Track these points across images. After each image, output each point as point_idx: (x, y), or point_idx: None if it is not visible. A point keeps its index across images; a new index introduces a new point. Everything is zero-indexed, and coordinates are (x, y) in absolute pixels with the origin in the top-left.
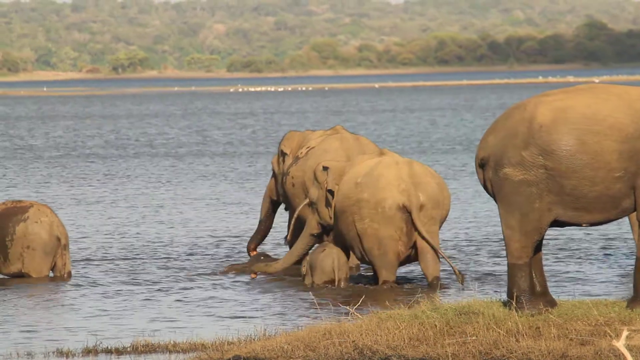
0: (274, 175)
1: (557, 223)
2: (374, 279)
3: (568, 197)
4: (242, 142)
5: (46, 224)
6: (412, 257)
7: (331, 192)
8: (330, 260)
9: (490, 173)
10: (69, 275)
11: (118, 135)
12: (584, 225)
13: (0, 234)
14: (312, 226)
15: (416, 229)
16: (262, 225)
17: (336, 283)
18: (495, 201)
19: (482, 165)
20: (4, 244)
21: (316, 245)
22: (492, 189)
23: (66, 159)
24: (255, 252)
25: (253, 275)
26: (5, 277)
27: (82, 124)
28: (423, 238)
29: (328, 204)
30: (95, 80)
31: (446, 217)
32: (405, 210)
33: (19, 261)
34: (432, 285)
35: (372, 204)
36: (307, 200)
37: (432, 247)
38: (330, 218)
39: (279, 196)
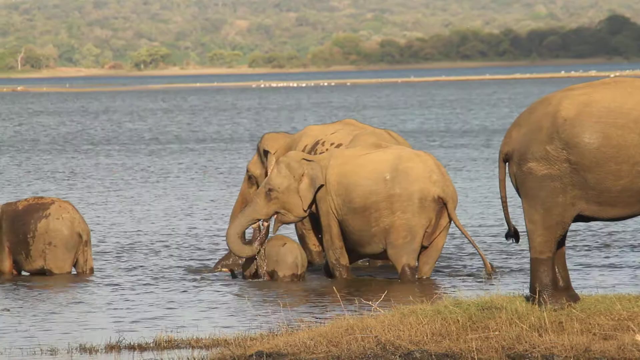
0: (253, 180)
1: (581, 217)
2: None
3: (592, 191)
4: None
5: (67, 221)
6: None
7: (321, 186)
8: (294, 255)
9: (514, 168)
10: (91, 271)
11: (123, 129)
12: (608, 219)
13: (22, 231)
14: (260, 212)
15: (451, 220)
16: None
17: (300, 278)
18: (519, 195)
19: (506, 159)
20: (26, 240)
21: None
22: (515, 183)
23: (67, 153)
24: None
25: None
26: (28, 273)
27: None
28: (459, 228)
29: (312, 198)
30: (117, 77)
31: None
32: (440, 202)
33: (41, 258)
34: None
35: (405, 197)
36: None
37: (468, 238)
38: (305, 211)
39: None
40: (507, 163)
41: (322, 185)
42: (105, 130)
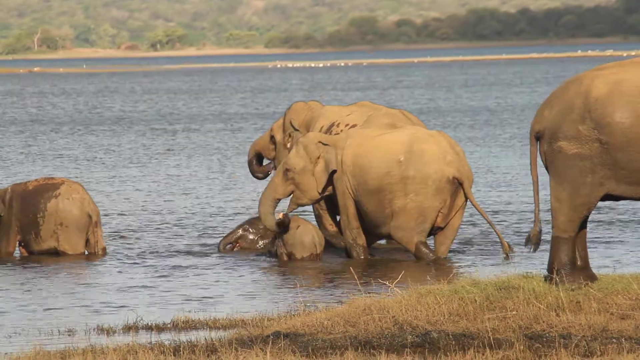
0: (273, 141)
1: (610, 197)
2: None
3: (622, 171)
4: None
5: (77, 201)
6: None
7: (334, 171)
8: (310, 236)
9: (545, 146)
10: (104, 251)
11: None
12: (637, 199)
13: (32, 211)
14: (277, 191)
15: (468, 199)
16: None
17: (318, 258)
18: (548, 173)
19: (537, 138)
20: (36, 220)
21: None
22: (545, 161)
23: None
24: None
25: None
26: (38, 254)
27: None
28: (475, 208)
29: (329, 180)
30: (134, 58)
31: None
32: (455, 182)
33: (52, 238)
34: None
35: (419, 179)
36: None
37: (485, 217)
38: (319, 194)
39: (273, 159)
40: (538, 141)
41: (334, 171)
42: (112, 110)
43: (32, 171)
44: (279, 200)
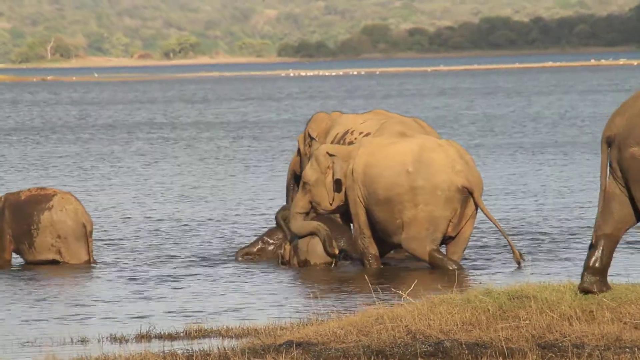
0: (299, 153)
1: None
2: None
3: None
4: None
5: (71, 212)
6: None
7: (339, 181)
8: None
9: (615, 152)
10: (94, 262)
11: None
12: None
13: (25, 222)
14: (298, 205)
15: (478, 208)
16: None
17: (333, 265)
18: (615, 179)
19: (608, 143)
20: (29, 232)
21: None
22: (618, 168)
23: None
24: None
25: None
26: (30, 264)
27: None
28: (486, 216)
29: (337, 190)
30: (147, 67)
31: None
32: (465, 191)
33: (50, 251)
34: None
35: (428, 189)
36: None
37: (496, 225)
38: (331, 204)
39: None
40: (609, 147)
41: (339, 180)
42: (112, 118)
43: (28, 179)
44: (303, 214)
